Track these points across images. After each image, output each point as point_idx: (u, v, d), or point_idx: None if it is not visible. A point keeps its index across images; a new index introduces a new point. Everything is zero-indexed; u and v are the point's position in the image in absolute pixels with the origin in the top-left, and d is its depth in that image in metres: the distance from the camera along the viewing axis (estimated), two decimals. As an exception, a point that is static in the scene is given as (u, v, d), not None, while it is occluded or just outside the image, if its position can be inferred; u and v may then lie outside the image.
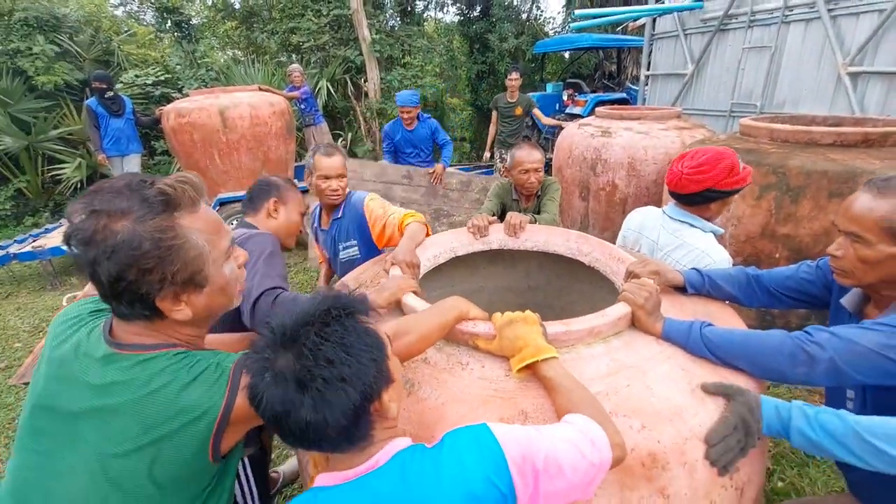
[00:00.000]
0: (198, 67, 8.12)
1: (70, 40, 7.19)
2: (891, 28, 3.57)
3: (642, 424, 0.93)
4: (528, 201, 2.46)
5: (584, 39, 7.58)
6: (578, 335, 1.10)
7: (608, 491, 0.88)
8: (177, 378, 0.76)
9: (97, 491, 0.75)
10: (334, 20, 8.63)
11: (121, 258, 0.71)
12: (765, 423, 0.94)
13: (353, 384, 0.65)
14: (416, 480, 0.66)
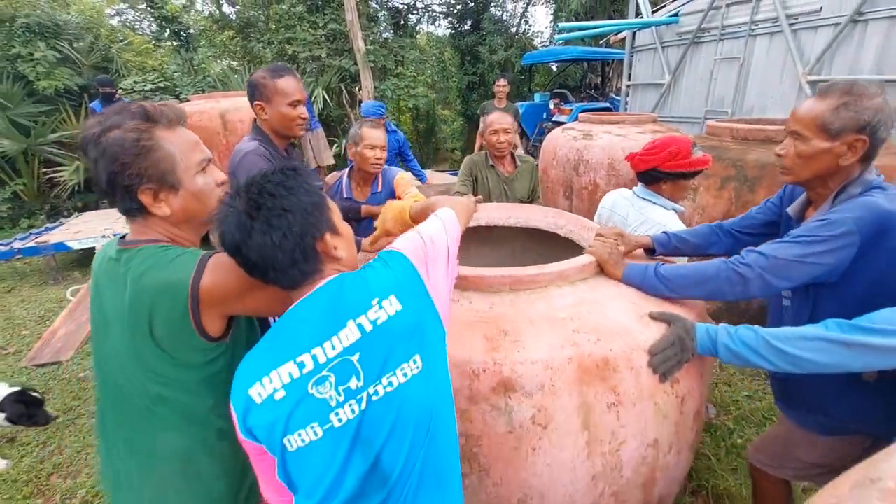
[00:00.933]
0: (195, 75, 8.32)
1: (70, 46, 7.35)
2: (844, 41, 3.91)
3: (598, 338, 1.15)
4: (502, 164, 2.56)
5: (569, 52, 7.95)
6: (550, 277, 1.33)
7: (571, 386, 1.10)
8: (158, 262, 0.92)
9: (130, 354, 0.96)
10: (330, 32, 8.93)
11: (109, 155, 0.90)
12: (698, 342, 1.17)
13: (293, 214, 0.83)
14: (352, 281, 0.86)
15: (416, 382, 0.82)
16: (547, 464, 1.11)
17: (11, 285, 4.62)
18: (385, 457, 0.80)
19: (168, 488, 1.02)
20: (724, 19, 4.91)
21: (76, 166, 7.07)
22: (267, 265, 0.83)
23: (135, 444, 1.01)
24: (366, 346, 0.80)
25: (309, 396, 0.79)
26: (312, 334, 0.81)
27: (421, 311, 0.86)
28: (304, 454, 0.79)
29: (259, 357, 0.84)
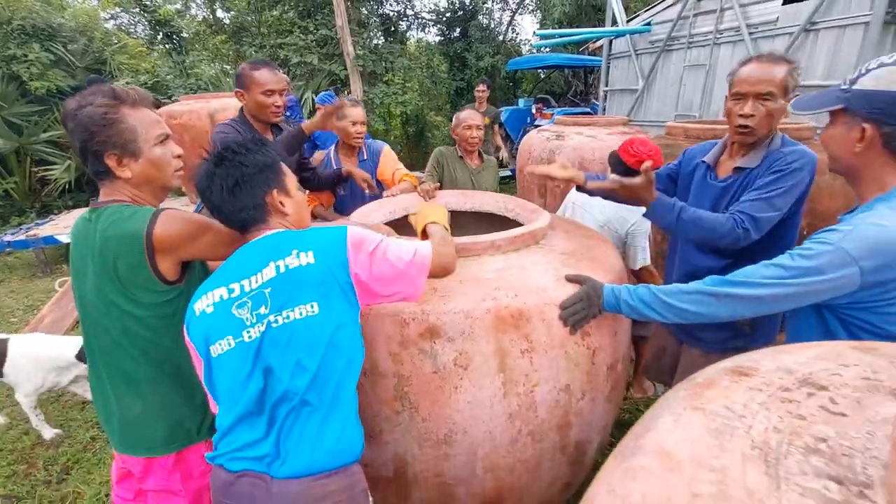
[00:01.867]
0: (187, 77, 8.49)
1: (64, 48, 7.49)
2: (798, 48, 4.15)
3: (516, 294, 1.31)
4: (471, 158, 2.75)
5: (551, 58, 8.21)
6: (483, 247, 1.50)
7: (488, 333, 1.26)
8: (120, 217, 1.10)
9: (100, 294, 1.14)
10: (321, 38, 9.14)
11: (82, 126, 1.09)
12: (605, 300, 1.34)
13: (250, 167, 1.06)
14: (285, 236, 1.05)
15: (309, 322, 0.98)
16: (468, 401, 1.28)
17: (1, 277, 4.74)
18: (273, 378, 0.97)
19: (145, 408, 1.21)
20: (692, 28, 5.16)
21: (67, 165, 7.19)
22: (222, 208, 1.06)
23: (113, 370, 1.20)
24: (276, 284, 0.99)
25: (230, 314, 1.00)
26: (244, 269, 1.03)
27: (331, 273, 1.01)
28: (221, 361, 1.00)
29: (207, 283, 1.05)
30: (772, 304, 1.11)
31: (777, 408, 0.68)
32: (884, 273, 0.98)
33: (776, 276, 1.07)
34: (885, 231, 0.97)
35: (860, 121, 1.05)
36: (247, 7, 10.03)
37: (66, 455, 2.31)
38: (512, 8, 12.80)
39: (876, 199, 1.07)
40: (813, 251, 1.03)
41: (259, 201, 1.07)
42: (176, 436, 1.24)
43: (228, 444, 1.00)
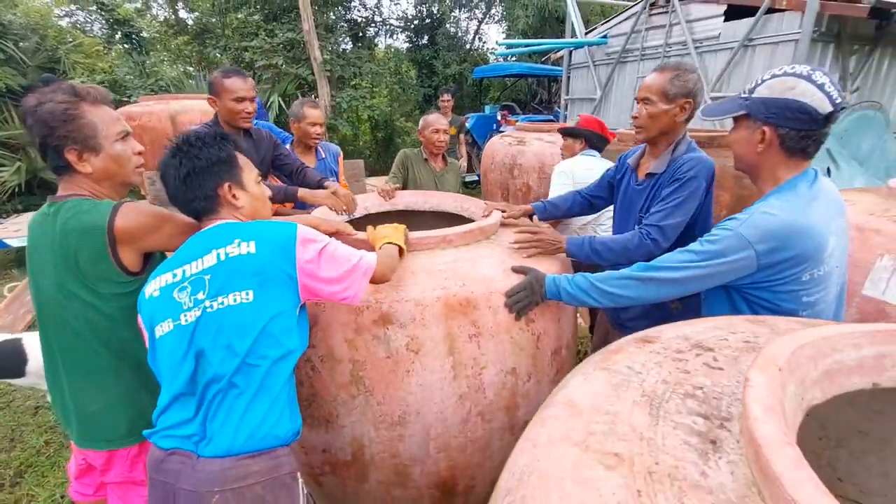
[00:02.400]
0: (147, 78, 8.28)
1: (14, 46, 7.19)
2: (738, 62, 4.48)
3: (463, 283, 1.40)
4: (436, 161, 2.84)
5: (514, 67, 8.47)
6: (435, 241, 1.58)
7: (438, 320, 1.34)
8: (80, 210, 1.13)
9: (60, 288, 1.16)
10: (287, 41, 9.10)
11: (41, 121, 1.12)
12: (546, 289, 1.45)
13: (202, 160, 1.11)
14: (231, 226, 1.11)
15: (242, 308, 1.02)
16: (420, 384, 1.36)
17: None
18: (204, 361, 1.01)
19: (107, 401, 1.24)
20: (644, 42, 5.46)
21: (17, 167, 6.88)
22: (176, 196, 1.13)
23: (72, 365, 1.23)
24: (215, 270, 1.04)
25: (171, 298, 1.05)
26: (188, 255, 1.08)
27: (272, 264, 1.05)
28: (162, 342, 1.05)
29: (158, 268, 1.12)
30: (687, 285, 1.24)
31: (669, 365, 0.80)
32: (774, 255, 1.13)
33: (688, 259, 1.22)
34: (774, 219, 1.12)
35: (760, 124, 1.17)
36: (211, 8, 9.89)
37: (19, 459, 2.25)
38: (478, 17, 13.10)
39: (770, 193, 1.22)
40: (717, 237, 1.18)
41: (210, 192, 1.13)
42: (137, 426, 1.26)
43: (162, 422, 1.04)
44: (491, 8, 12.83)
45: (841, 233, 1.22)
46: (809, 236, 1.11)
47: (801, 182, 1.18)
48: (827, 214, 1.16)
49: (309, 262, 1.10)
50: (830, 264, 1.16)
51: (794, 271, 1.14)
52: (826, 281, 1.18)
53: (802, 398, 0.67)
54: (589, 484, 0.58)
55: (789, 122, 1.13)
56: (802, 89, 1.10)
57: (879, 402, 0.82)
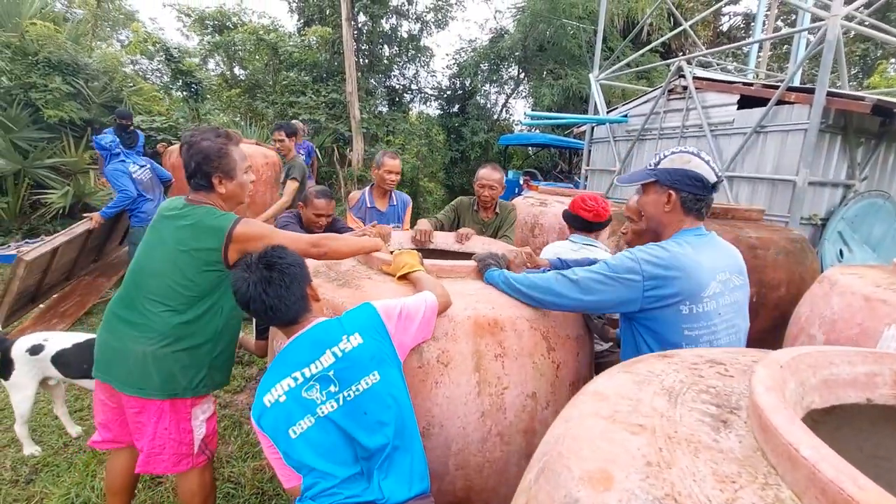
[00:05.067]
0: (199, 122, 8.97)
1: (85, 84, 7.94)
2: (751, 148, 4.76)
3: (493, 307, 1.54)
4: (486, 213, 3.01)
5: (538, 138, 9.01)
6: (466, 270, 1.75)
7: (467, 336, 1.46)
8: (210, 215, 1.55)
9: (171, 261, 1.54)
10: (330, 100, 9.88)
11: (202, 154, 1.56)
12: (485, 278, 1.71)
13: (297, 268, 1.32)
14: (330, 324, 1.30)
15: (376, 388, 1.23)
16: (446, 396, 1.44)
17: (-18, 290, 4.71)
18: (360, 436, 1.19)
19: (161, 353, 1.55)
20: (662, 122, 5.84)
21: (66, 191, 7.35)
22: (282, 304, 1.27)
23: (145, 324, 1.55)
24: (338, 366, 1.23)
25: (301, 398, 1.20)
26: (302, 359, 1.24)
27: (378, 345, 1.27)
28: (306, 438, 1.19)
29: (268, 378, 1.26)
30: (584, 289, 1.43)
31: (685, 372, 0.91)
32: (657, 280, 1.34)
33: (595, 271, 1.43)
34: (663, 251, 1.37)
35: (667, 189, 1.44)
36: (263, 67, 10.85)
37: (36, 458, 2.31)
38: (507, 93, 14.05)
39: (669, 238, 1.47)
40: (616, 258, 1.43)
41: (304, 294, 1.34)
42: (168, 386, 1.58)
43: (332, 497, 1.17)
44: (519, 85, 13.79)
45: (730, 286, 1.43)
46: (689, 272, 1.33)
47: (690, 234, 1.43)
48: (712, 263, 1.39)
49: (398, 330, 1.31)
50: (711, 306, 1.37)
51: (674, 300, 1.34)
52: (706, 320, 1.37)
53: (802, 397, 0.77)
54: (616, 442, 0.68)
55: (688, 188, 1.41)
56: (696, 163, 1.41)
57: (871, 419, 0.90)
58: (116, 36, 13.94)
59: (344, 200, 9.44)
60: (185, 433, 1.61)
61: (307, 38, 10.43)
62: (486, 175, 2.90)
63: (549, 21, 11.12)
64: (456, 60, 13.39)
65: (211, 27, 10.71)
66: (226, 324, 1.65)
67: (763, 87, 4.83)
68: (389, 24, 11.58)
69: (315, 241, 1.65)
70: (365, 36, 11.34)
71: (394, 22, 11.64)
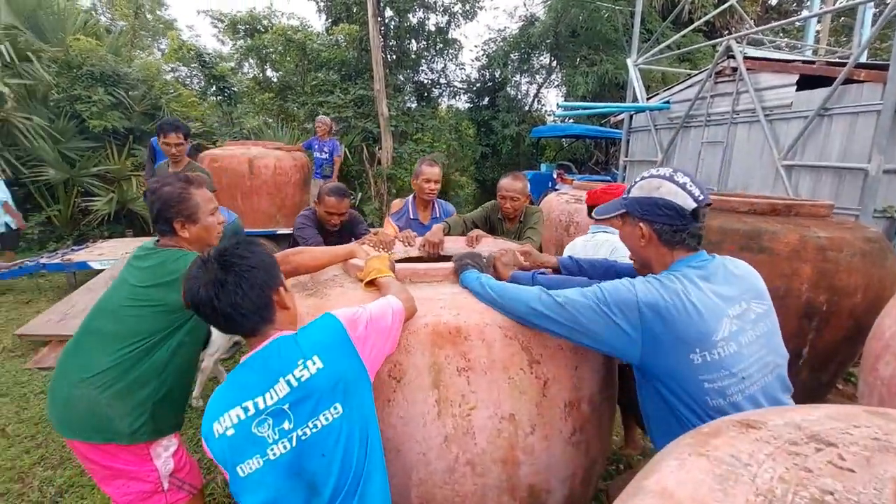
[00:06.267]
0: (232, 126, 9.13)
1: (125, 94, 8.22)
2: (814, 133, 4.29)
3: (458, 313, 1.33)
4: (510, 223, 2.80)
5: (572, 128, 8.61)
6: (444, 274, 1.58)
7: (424, 347, 1.26)
8: (175, 258, 1.49)
9: (126, 302, 1.48)
10: (358, 98, 9.82)
11: (162, 200, 1.53)
12: (460, 280, 1.53)
13: (259, 271, 1.07)
14: (285, 344, 1.07)
15: (337, 423, 1.03)
16: (400, 416, 1.25)
17: (30, 297, 4.92)
18: (319, 479, 1.01)
19: (96, 396, 1.43)
20: (710, 108, 5.39)
21: (110, 198, 7.65)
22: (236, 313, 1.05)
23: (86, 365, 1.46)
24: (294, 398, 1.02)
25: (251, 434, 1.01)
26: (254, 386, 1.04)
27: (343, 367, 1.06)
28: (253, 480, 1.01)
29: (218, 400, 1.06)
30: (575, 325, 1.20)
31: (784, 459, 0.67)
32: (656, 327, 1.11)
33: (586, 295, 1.21)
34: (662, 286, 1.15)
35: (637, 221, 1.25)
36: (294, 69, 10.93)
37: (63, 477, 2.30)
38: (538, 82, 13.60)
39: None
40: (613, 285, 1.20)
41: (269, 301, 1.11)
42: None
43: None
44: (551, 74, 13.32)
45: (750, 319, 1.17)
46: (690, 314, 1.10)
47: (685, 266, 1.20)
48: (720, 298, 1.15)
49: (363, 342, 1.11)
50: (730, 349, 1.12)
51: (679, 347, 1.11)
52: (728, 368, 1.11)
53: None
54: None
55: (660, 218, 1.21)
56: (668, 188, 1.19)
57: None
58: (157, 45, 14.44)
59: (374, 199, 9.40)
60: (146, 471, 1.50)
61: (334, 36, 10.41)
62: (507, 185, 2.67)
63: (583, 4, 10.60)
64: (485, 51, 13.06)
65: (243, 31, 10.87)
66: (176, 367, 1.53)
67: (826, 64, 4.34)
68: (416, 18, 11.39)
69: (279, 258, 1.47)
70: (392, 31, 11.22)
71: (421, 16, 11.44)
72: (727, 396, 1.12)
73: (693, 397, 1.13)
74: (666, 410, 1.19)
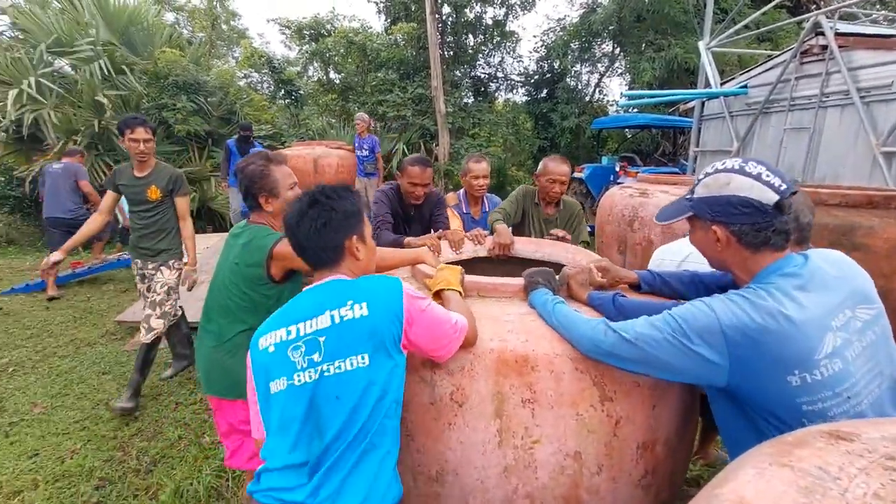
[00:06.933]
0: (299, 127, 9.61)
1: (205, 100, 8.90)
2: (922, 114, 3.80)
3: (526, 339, 1.25)
4: (548, 208, 2.75)
5: (637, 118, 8.17)
6: (513, 290, 1.48)
7: (488, 374, 1.21)
8: (260, 234, 1.70)
9: (229, 277, 1.72)
10: (416, 96, 9.98)
11: (247, 178, 1.73)
12: (529, 300, 1.41)
13: (338, 213, 1.16)
14: (342, 284, 1.14)
15: (360, 372, 1.04)
16: (460, 441, 1.21)
17: (126, 287, 5.49)
18: (325, 421, 1.03)
19: (227, 360, 1.73)
20: (794, 91, 4.93)
21: (193, 197, 8.35)
22: (308, 244, 1.17)
23: (217, 332, 1.77)
24: (330, 333, 1.06)
25: (285, 356, 1.08)
26: (301, 313, 1.11)
27: (384, 325, 1.07)
28: (277, 399, 1.08)
29: (271, 319, 1.16)
30: (646, 364, 1.11)
31: (879, 475, 0.61)
32: (747, 354, 0.99)
33: (658, 327, 1.08)
34: (752, 306, 1.00)
35: (709, 224, 1.11)
36: (355, 70, 11.29)
37: (156, 449, 2.56)
38: (600, 71, 13.09)
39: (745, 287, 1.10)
40: (689, 311, 1.06)
41: (339, 245, 1.17)
42: None
43: (268, 480, 1.06)
44: (614, 62, 12.77)
45: (856, 328, 1.01)
46: (787, 334, 0.97)
47: (778, 275, 1.05)
48: (821, 308, 1.00)
49: (413, 319, 1.11)
50: (835, 367, 0.98)
51: (774, 372, 0.99)
52: (833, 387, 0.97)
53: None
54: None
55: (738, 218, 1.06)
56: (738, 183, 1.05)
57: None
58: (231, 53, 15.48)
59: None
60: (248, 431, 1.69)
61: (393, 35, 10.62)
62: (556, 168, 2.60)
63: (649, -13, 10.07)
64: (543, 42, 12.76)
65: (308, 36, 11.39)
66: None
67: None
68: (473, 12, 11.35)
69: None
70: (449, 28, 11.26)
71: (478, 10, 11.38)
72: (828, 418, 0.98)
73: (787, 421, 1.00)
74: (750, 431, 1.07)
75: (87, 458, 2.48)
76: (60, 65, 7.81)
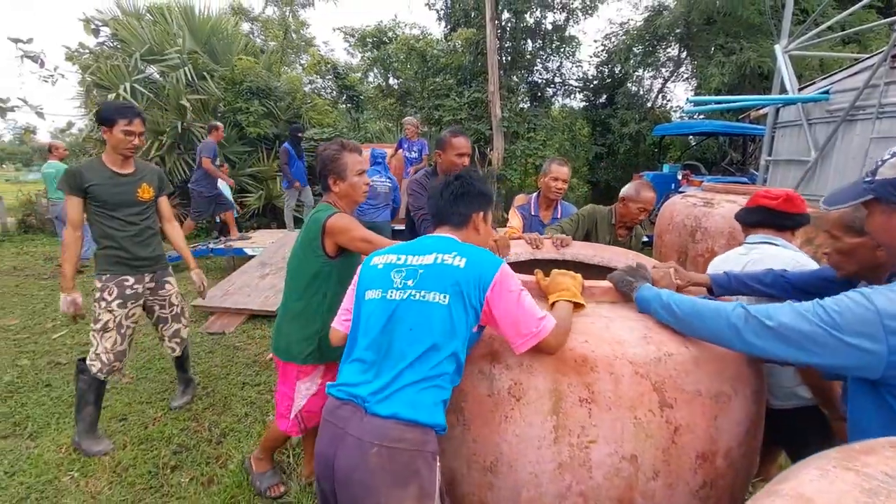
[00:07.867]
0: (358, 130, 9.98)
1: (274, 105, 9.46)
2: None
3: (586, 340, 1.27)
4: (626, 232, 2.68)
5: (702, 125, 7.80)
6: (600, 291, 1.50)
7: (546, 371, 1.24)
8: (321, 210, 1.88)
9: (297, 250, 1.92)
10: (472, 101, 10.09)
11: (321, 161, 1.92)
12: (637, 298, 1.39)
13: (475, 192, 1.41)
14: (452, 241, 1.34)
15: (437, 307, 1.20)
16: (516, 434, 1.23)
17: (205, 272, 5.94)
18: (396, 337, 1.22)
19: (284, 325, 1.97)
20: (883, 97, 4.54)
21: (260, 194, 8.89)
22: (445, 205, 1.41)
23: (284, 300, 2.00)
24: (429, 268, 1.26)
25: (388, 274, 1.30)
26: (413, 249, 1.35)
27: (471, 284, 1.21)
28: (368, 305, 1.30)
29: (389, 249, 1.41)
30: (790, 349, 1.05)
31: None
32: None
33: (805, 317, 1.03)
34: None
35: (894, 206, 1.05)
36: (413, 75, 11.58)
37: (226, 422, 2.78)
38: (664, 76, 12.62)
39: None
40: (843, 303, 1.00)
41: (467, 215, 1.41)
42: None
43: (343, 376, 1.28)
44: (679, 66, 12.27)
45: None
46: None
47: None
48: None
49: (497, 298, 1.21)
50: None
51: None
52: None
53: None
54: None
55: None
56: None
57: None
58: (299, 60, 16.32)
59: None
60: (288, 397, 1.98)
61: (453, 42, 10.80)
62: (645, 196, 2.54)
63: (721, -11, 9.60)
64: (605, 47, 12.48)
65: (370, 43, 11.81)
66: (330, 308, 1.73)
67: None
68: (533, 17, 11.30)
69: None
70: (508, 33, 11.28)
71: (538, 15, 11.33)
72: None
73: None
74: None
75: (167, 425, 2.74)
76: (150, 71, 8.58)
